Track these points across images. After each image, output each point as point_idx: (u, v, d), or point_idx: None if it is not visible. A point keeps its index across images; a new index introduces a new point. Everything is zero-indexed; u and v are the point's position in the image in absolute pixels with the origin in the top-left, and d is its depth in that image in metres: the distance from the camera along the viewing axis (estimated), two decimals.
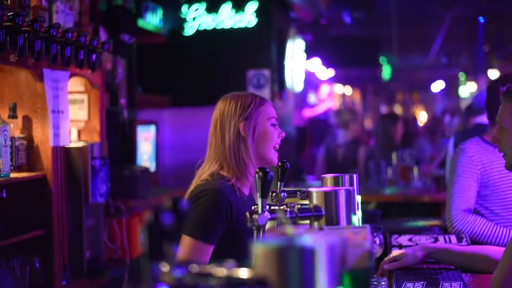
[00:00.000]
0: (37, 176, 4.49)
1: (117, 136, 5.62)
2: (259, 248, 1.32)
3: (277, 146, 3.15)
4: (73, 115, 5.06)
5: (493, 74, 12.71)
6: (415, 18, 11.60)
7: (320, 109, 11.79)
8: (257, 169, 2.32)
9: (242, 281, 1.35)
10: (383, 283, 3.03)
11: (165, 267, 1.44)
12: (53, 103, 4.54)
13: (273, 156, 3.11)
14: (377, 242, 3.58)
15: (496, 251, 3.08)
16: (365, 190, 7.34)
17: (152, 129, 6.36)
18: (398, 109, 22.82)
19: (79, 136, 5.17)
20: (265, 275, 1.30)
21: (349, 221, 2.35)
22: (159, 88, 7.73)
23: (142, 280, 1.36)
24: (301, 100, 12.61)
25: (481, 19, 10.83)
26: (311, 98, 13.93)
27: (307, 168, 10.62)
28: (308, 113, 12.22)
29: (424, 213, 6.55)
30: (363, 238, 1.98)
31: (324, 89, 11.58)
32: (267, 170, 2.31)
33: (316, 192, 2.37)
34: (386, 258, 3.29)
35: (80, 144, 4.87)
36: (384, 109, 20.62)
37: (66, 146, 4.72)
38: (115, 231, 5.42)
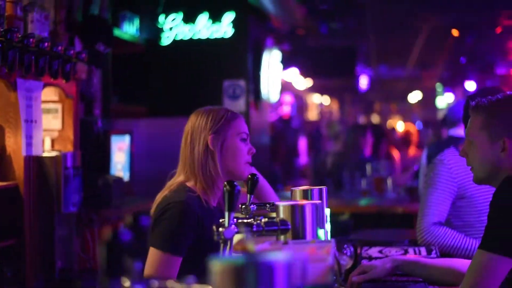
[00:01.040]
0: (9, 186, 4.49)
1: (91, 145, 5.62)
2: (216, 265, 1.34)
3: (249, 161, 3.17)
4: (47, 124, 5.06)
5: (470, 85, 12.78)
6: (392, 29, 11.67)
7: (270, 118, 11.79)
8: (225, 183, 2.33)
9: None
10: None
11: (126, 283, 1.46)
12: (26, 113, 4.54)
13: (244, 170, 3.13)
14: (347, 254, 3.60)
15: (463, 264, 3.11)
16: (339, 200, 7.37)
17: (126, 139, 6.35)
18: (375, 119, 22.91)
19: (52, 145, 5.17)
20: None
21: (315, 235, 2.38)
22: (136, 98, 7.72)
23: None
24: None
25: (456, 33, 10.92)
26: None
27: (283, 177, 10.63)
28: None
29: (397, 224, 6.58)
30: (326, 253, 2.00)
31: (286, 99, 11.61)
32: (234, 184, 2.32)
33: (282, 206, 2.39)
34: (355, 270, 3.32)
35: (54, 154, 4.87)
36: (361, 119, 20.70)
37: (39, 156, 4.72)
38: (88, 241, 5.41)
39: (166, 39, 7.74)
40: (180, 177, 3.12)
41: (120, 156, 6.15)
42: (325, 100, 19.19)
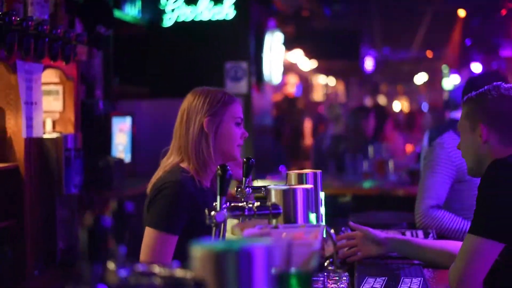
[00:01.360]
0: (10, 167, 4.51)
1: (92, 127, 5.63)
2: (197, 251, 1.35)
3: (241, 144, 3.19)
4: (48, 106, 5.08)
5: (476, 67, 12.74)
6: (396, 12, 11.64)
7: (275, 98, 11.75)
8: (218, 167, 2.35)
9: (180, 282, 1.38)
10: (344, 278, 3.08)
11: (110, 266, 1.48)
12: (27, 95, 4.56)
13: (236, 153, 3.15)
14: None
15: (456, 246, 3.13)
16: (342, 183, 7.39)
17: (128, 120, 6.37)
18: (382, 100, 22.89)
19: (53, 127, 5.18)
20: (203, 277, 1.33)
21: (306, 219, 2.39)
22: (138, 79, 7.74)
23: (82, 281, 1.39)
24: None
25: (462, 14, 10.89)
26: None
27: (287, 158, 10.63)
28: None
29: (399, 206, 6.60)
30: (314, 238, 2.01)
31: (291, 80, 11.58)
32: (226, 168, 2.34)
33: (274, 190, 2.41)
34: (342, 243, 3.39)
35: (54, 135, 4.89)
36: (368, 101, 20.66)
37: (40, 137, 4.73)
38: None
39: (168, 21, 7.74)
40: (173, 156, 3.14)
41: (121, 137, 6.16)
42: (331, 81, 19.16)
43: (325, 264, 3.33)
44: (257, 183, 3.72)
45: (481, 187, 2.68)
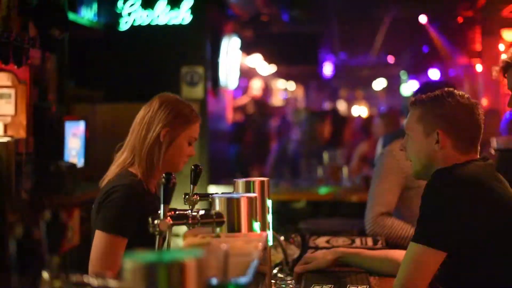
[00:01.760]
0: None
1: (45, 131, 5.59)
2: (128, 262, 1.35)
3: (186, 160, 3.26)
4: None
5: (433, 73, 12.86)
6: (355, 17, 11.71)
7: (240, 101, 11.74)
8: (163, 175, 2.35)
9: None
10: (291, 286, 3.10)
11: (44, 277, 1.47)
12: None
13: (179, 167, 3.23)
14: (295, 243, 3.65)
15: (401, 255, 3.16)
16: (296, 188, 7.43)
17: (81, 124, 6.32)
18: (342, 105, 22.97)
19: (5, 131, 5.14)
20: None
21: (250, 228, 2.41)
22: (93, 82, 7.69)
23: None
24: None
25: (423, 19, 10.98)
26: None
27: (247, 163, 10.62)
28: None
29: (353, 212, 6.64)
30: (253, 248, 2.03)
31: (256, 84, 11.55)
32: (170, 177, 2.35)
33: (218, 198, 2.42)
34: (299, 262, 3.37)
35: (6, 139, 4.85)
36: (327, 106, 20.73)
37: None
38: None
39: (124, 25, 7.70)
40: (125, 152, 3.20)
41: (74, 142, 6.12)
42: (290, 86, 19.19)
43: (274, 271, 3.35)
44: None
45: (424, 196, 2.71)
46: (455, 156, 2.78)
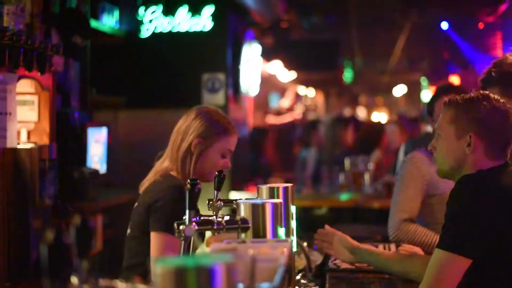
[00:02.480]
0: None
1: (68, 138, 5.62)
2: (159, 267, 1.36)
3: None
4: (23, 116, 5.05)
5: (454, 79, 12.82)
6: (375, 23, 11.70)
7: (285, 119, 11.80)
8: (187, 181, 2.37)
9: None
10: None
11: (73, 281, 1.48)
12: (1, 105, 4.54)
13: (211, 178, 3.23)
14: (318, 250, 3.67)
15: (423, 258, 3.15)
16: (317, 194, 7.42)
17: (103, 130, 6.35)
18: (361, 112, 22.94)
19: (28, 137, 5.16)
20: None
21: (275, 233, 2.41)
22: (115, 89, 7.72)
23: None
24: (263, 103, 12.62)
25: (445, 26, 10.94)
26: (274, 102, 13.94)
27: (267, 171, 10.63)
28: (271, 120, 12.23)
29: (374, 219, 6.63)
30: (280, 253, 2.03)
31: (288, 95, 11.60)
32: (195, 183, 2.36)
33: (243, 204, 2.42)
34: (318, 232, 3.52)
35: (29, 146, 4.87)
36: (347, 112, 20.71)
37: (14, 148, 4.71)
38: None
39: (145, 32, 7.73)
40: (167, 161, 3.31)
41: (97, 148, 6.15)
42: (310, 92, 19.19)
43: (298, 277, 3.35)
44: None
45: (449, 202, 2.70)
46: (484, 160, 2.76)
